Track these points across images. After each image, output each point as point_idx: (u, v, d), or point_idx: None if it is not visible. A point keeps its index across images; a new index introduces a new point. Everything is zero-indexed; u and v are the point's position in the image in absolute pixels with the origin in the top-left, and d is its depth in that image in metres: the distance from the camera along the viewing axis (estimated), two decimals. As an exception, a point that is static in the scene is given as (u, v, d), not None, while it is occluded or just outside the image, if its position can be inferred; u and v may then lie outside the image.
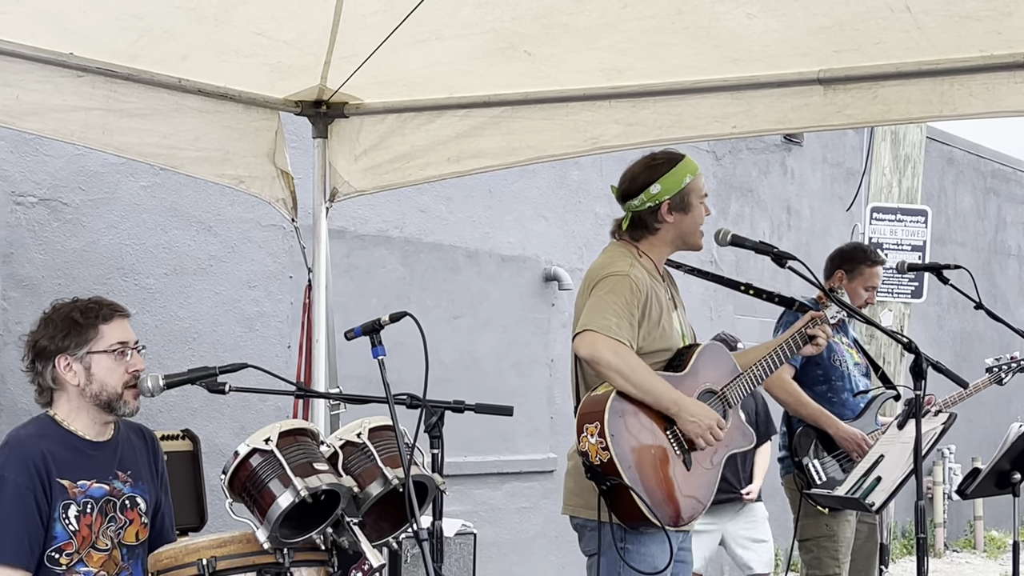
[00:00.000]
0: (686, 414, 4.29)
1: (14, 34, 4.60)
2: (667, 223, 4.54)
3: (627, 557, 4.28)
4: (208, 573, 3.45)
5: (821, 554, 5.84)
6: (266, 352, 7.73)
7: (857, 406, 5.93)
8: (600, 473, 4.18)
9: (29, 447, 3.77)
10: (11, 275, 6.74)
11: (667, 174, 4.53)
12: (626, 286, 4.35)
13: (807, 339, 4.77)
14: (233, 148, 5.56)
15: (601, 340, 4.23)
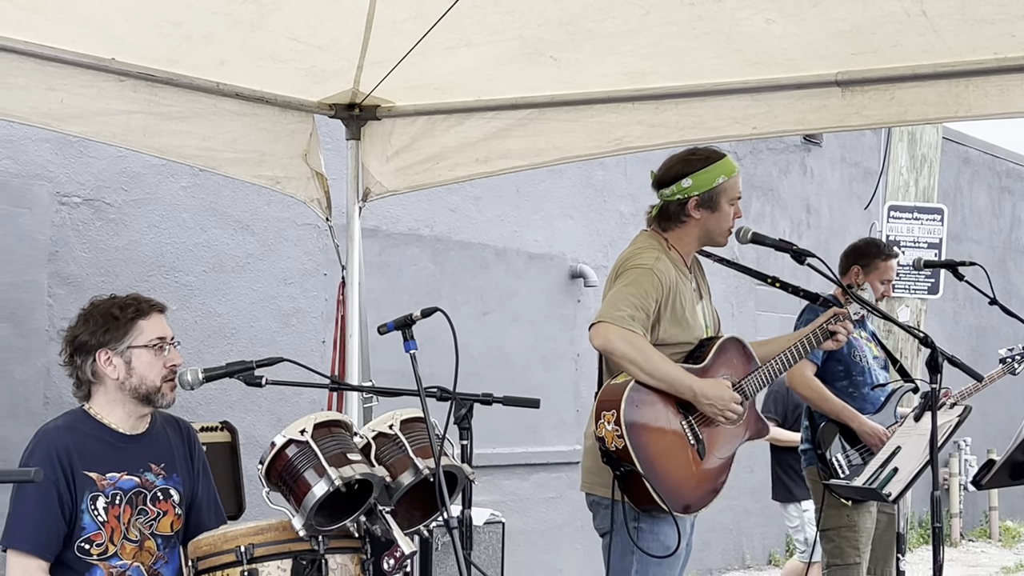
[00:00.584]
0: (702, 397, 4.29)
1: (58, 40, 4.62)
2: (693, 218, 4.53)
3: (640, 537, 4.29)
4: (246, 560, 3.46)
5: (842, 544, 5.82)
6: (301, 347, 7.76)
7: (878, 399, 5.91)
8: (615, 459, 4.20)
9: (55, 440, 3.77)
10: (56, 273, 6.78)
11: (701, 171, 4.52)
12: (648, 279, 4.34)
13: (828, 335, 4.76)
14: (269, 150, 5.57)
15: (613, 330, 4.23)
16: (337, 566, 3.51)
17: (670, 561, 4.35)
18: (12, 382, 6.57)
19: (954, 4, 4.20)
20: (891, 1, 4.21)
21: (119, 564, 3.76)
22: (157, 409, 3.93)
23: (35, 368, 6.65)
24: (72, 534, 3.71)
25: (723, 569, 11.64)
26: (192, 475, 3.99)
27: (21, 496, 3.68)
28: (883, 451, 4.71)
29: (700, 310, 4.61)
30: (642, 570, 4.34)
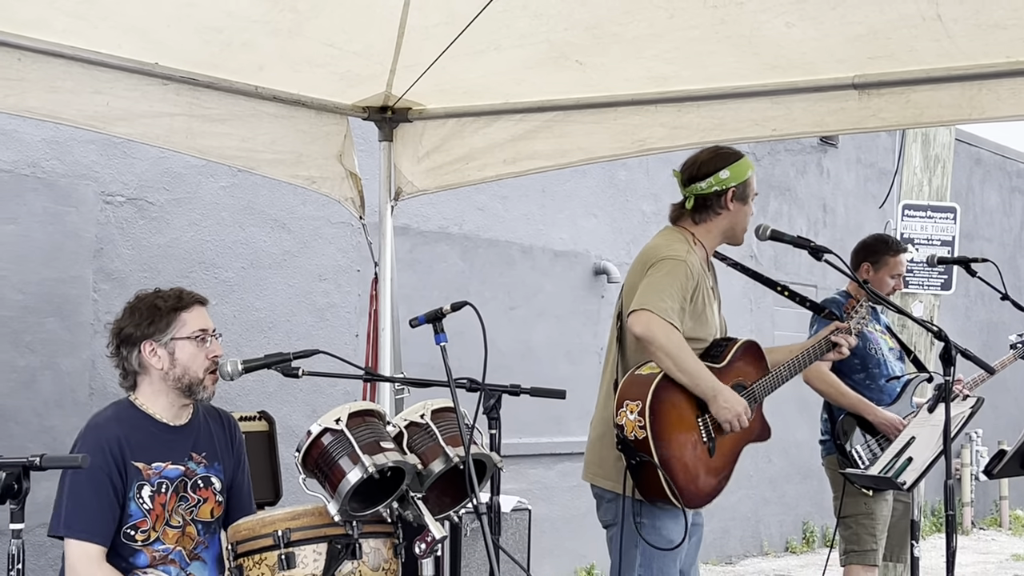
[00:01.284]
0: (721, 399, 4.26)
1: (104, 45, 4.64)
2: (728, 210, 4.51)
3: (642, 530, 4.27)
4: (283, 544, 3.46)
5: (859, 531, 5.81)
6: (335, 340, 7.77)
7: (894, 390, 5.89)
8: (632, 448, 4.17)
9: (105, 431, 3.78)
10: (101, 269, 6.81)
11: (735, 164, 4.53)
12: (682, 271, 4.32)
13: (831, 346, 4.74)
14: (306, 151, 5.58)
15: (656, 321, 4.18)
16: (371, 550, 3.52)
17: (672, 554, 4.33)
18: (59, 374, 6.60)
19: (968, 9, 4.17)
20: (907, 5, 4.19)
21: (162, 548, 3.77)
22: (198, 401, 3.93)
23: (81, 360, 6.69)
24: (120, 520, 3.72)
25: (741, 556, 11.62)
26: (232, 464, 4.00)
27: (75, 486, 3.68)
28: (898, 441, 4.70)
29: (716, 309, 4.60)
30: (646, 563, 4.32)
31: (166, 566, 3.77)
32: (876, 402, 5.79)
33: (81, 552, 3.66)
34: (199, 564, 3.84)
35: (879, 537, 5.81)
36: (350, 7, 4.70)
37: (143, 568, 3.74)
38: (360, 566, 3.49)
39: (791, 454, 11.54)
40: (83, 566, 3.65)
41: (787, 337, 6.82)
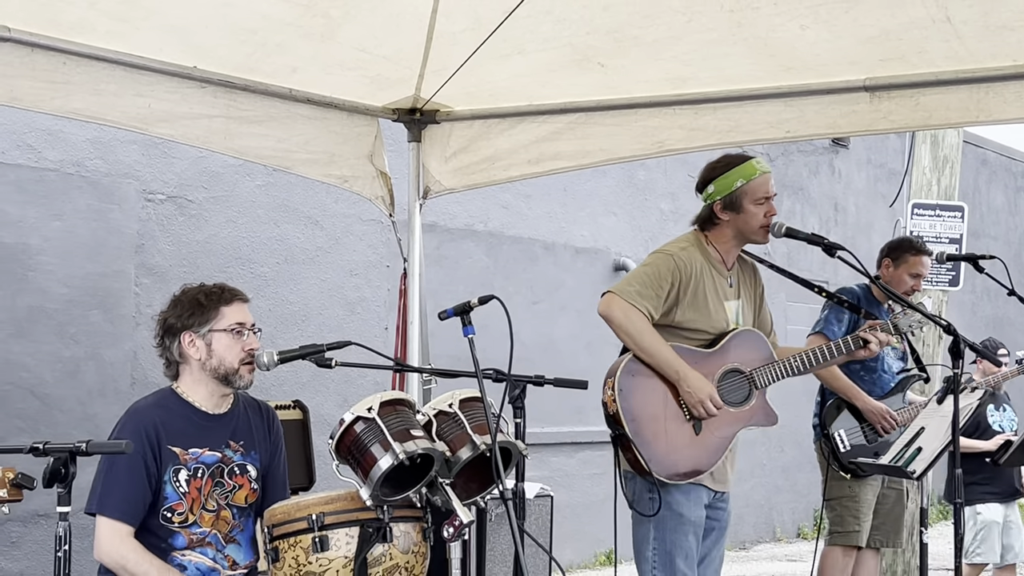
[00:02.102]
0: (684, 383, 4.31)
1: (145, 50, 4.65)
2: (723, 220, 4.53)
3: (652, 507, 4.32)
4: (317, 527, 3.47)
5: (844, 513, 5.80)
6: (366, 333, 7.79)
7: (887, 384, 5.84)
8: (612, 422, 4.29)
9: (144, 417, 3.79)
10: (142, 264, 6.84)
11: (720, 177, 4.53)
12: (664, 263, 4.39)
13: (862, 343, 4.69)
14: (338, 151, 5.58)
15: (616, 301, 4.31)
16: (401, 533, 3.51)
17: (684, 528, 4.33)
18: (102, 364, 6.64)
19: (977, 10, 4.15)
20: (917, 7, 4.17)
21: (199, 531, 3.78)
22: (236, 390, 3.94)
23: (123, 351, 6.72)
24: (156, 503, 3.74)
25: (755, 542, 11.60)
26: (269, 453, 4.01)
27: (111, 467, 3.70)
28: (908, 431, 4.68)
29: (733, 307, 4.58)
30: (659, 536, 4.36)
31: (203, 548, 3.78)
32: (868, 392, 5.74)
33: (110, 529, 3.68)
34: (235, 547, 3.85)
35: (862, 520, 5.79)
36: (380, 13, 4.70)
37: (181, 550, 3.75)
38: (391, 549, 3.49)
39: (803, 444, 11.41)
40: (109, 542, 3.68)
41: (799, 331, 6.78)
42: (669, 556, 4.31)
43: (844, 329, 5.62)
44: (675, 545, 4.32)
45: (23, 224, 6.35)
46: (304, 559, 3.46)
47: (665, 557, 4.32)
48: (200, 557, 3.77)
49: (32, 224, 6.39)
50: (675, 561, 4.31)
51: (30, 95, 4.43)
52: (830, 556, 5.89)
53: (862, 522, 5.79)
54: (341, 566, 3.45)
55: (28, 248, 6.37)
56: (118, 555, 3.67)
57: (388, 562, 3.48)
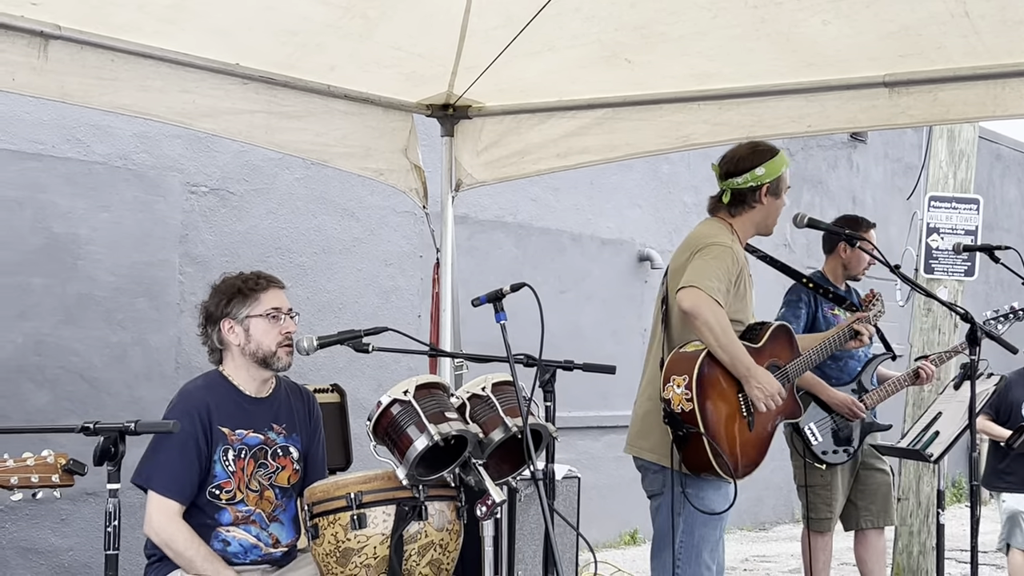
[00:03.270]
0: (755, 380, 4.21)
1: (190, 47, 4.66)
2: (762, 204, 4.47)
3: (690, 501, 4.23)
4: (355, 505, 3.47)
5: (816, 500, 5.75)
6: (399, 321, 7.79)
7: (854, 370, 5.76)
8: (679, 420, 4.13)
9: (195, 398, 3.81)
10: (186, 253, 6.87)
11: (770, 160, 4.47)
12: (729, 257, 4.28)
13: (853, 334, 4.70)
14: (374, 145, 5.59)
15: (704, 298, 4.12)
16: (436, 512, 3.52)
17: (714, 522, 4.30)
18: (148, 349, 6.67)
19: (994, 5, 4.12)
20: (936, 2, 4.14)
21: (244, 509, 3.79)
22: (276, 373, 3.95)
23: (168, 337, 6.75)
24: (205, 480, 3.75)
25: (775, 523, 11.57)
26: (309, 436, 4.02)
27: (164, 445, 3.71)
28: (926, 416, 4.66)
29: (753, 295, 4.57)
30: (688, 530, 4.28)
31: (247, 526, 3.80)
32: (836, 381, 5.66)
33: (161, 505, 3.69)
34: (278, 525, 3.86)
35: (834, 507, 5.75)
36: (415, 13, 4.70)
37: (226, 526, 3.77)
38: (426, 526, 3.50)
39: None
40: (159, 519, 3.69)
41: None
42: (696, 549, 4.27)
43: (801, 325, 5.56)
44: (703, 539, 4.29)
45: (72, 215, 6.39)
46: (343, 536, 3.47)
47: (692, 550, 4.27)
48: (244, 534, 3.78)
49: (81, 215, 6.42)
50: (701, 554, 4.28)
51: (79, 91, 4.45)
52: (806, 539, 5.87)
53: (834, 508, 5.76)
54: (378, 543, 3.45)
55: (77, 238, 6.40)
56: (167, 534, 3.68)
57: (424, 539, 3.49)
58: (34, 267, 6.23)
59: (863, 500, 5.87)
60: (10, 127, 6.17)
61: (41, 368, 6.24)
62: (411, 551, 3.47)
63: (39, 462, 3.07)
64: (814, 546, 5.78)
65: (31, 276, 6.22)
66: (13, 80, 4.23)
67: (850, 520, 5.93)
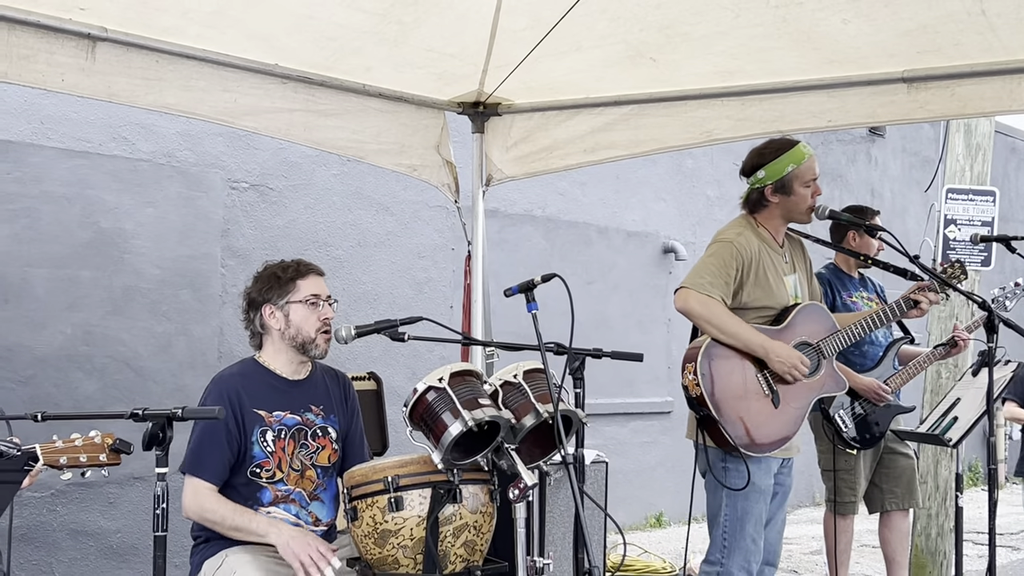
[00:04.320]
0: (772, 355, 4.28)
1: (231, 49, 4.69)
2: (772, 202, 4.49)
3: (727, 476, 4.29)
4: (392, 488, 3.48)
5: (840, 484, 5.74)
6: (432, 311, 7.81)
7: (876, 355, 5.73)
8: (696, 404, 4.26)
9: (228, 384, 3.83)
10: (228, 247, 6.90)
11: (771, 162, 4.49)
12: (727, 251, 4.35)
13: (912, 304, 4.67)
14: (408, 142, 5.60)
15: (692, 295, 4.27)
16: (470, 495, 3.53)
17: (754, 496, 4.32)
18: (192, 339, 6.71)
19: (1011, 3, 4.09)
20: (954, 1, 4.11)
21: (284, 488, 3.81)
22: (313, 358, 3.96)
23: (211, 327, 6.79)
24: (244, 461, 3.77)
25: (796, 506, 11.53)
26: (346, 416, 4.03)
27: (199, 432, 3.76)
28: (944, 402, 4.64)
29: (791, 281, 4.56)
30: (730, 504, 4.33)
31: (287, 504, 3.82)
32: (859, 367, 5.64)
33: (191, 487, 3.74)
34: (318, 504, 3.88)
35: (858, 491, 5.73)
36: (448, 16, 4.71)
37: (267, 506, 3.79)
38: (460, 509, 3.51)
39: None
40: (190, 498, 3.73)
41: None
42: (740, 522, 4.31)
43: None
44: (746, 512, 4.32)
45: (119, 211, 6.43)
46: (380, 518, 3.48)
47: (736, 523, 4.32)
48: (284, 513, 3.80)
49: (127, 211, 6.46)
50: (745, 527, 4.31)
51: (126, 91, 4.48)
52: (828, 521, 5.85)
53: (857, 492, 5.75)
54: (415, 525, 3.47)
55: (124, 232, 6.44)
56: (197, 507, 3.72)
57: (458, 521, 3.50)
58: (82, 260, 6.28)
59: (887, 483, 5.85)
60: (59, 126, 6.21)
61: (90, 357, 6.29)
62: (446, 532, 3.48)
63: (87, 442, 3.09)
64: (838, 528, 5.77)
65: (80, 269, 6.27)
66: (62, 81, 4.27)
67: (875, 503, 5.91)
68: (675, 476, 9.53)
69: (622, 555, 4.74)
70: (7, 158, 6.02)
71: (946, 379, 7.46)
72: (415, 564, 3.48)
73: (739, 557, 4.29)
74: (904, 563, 5.94)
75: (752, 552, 4.31)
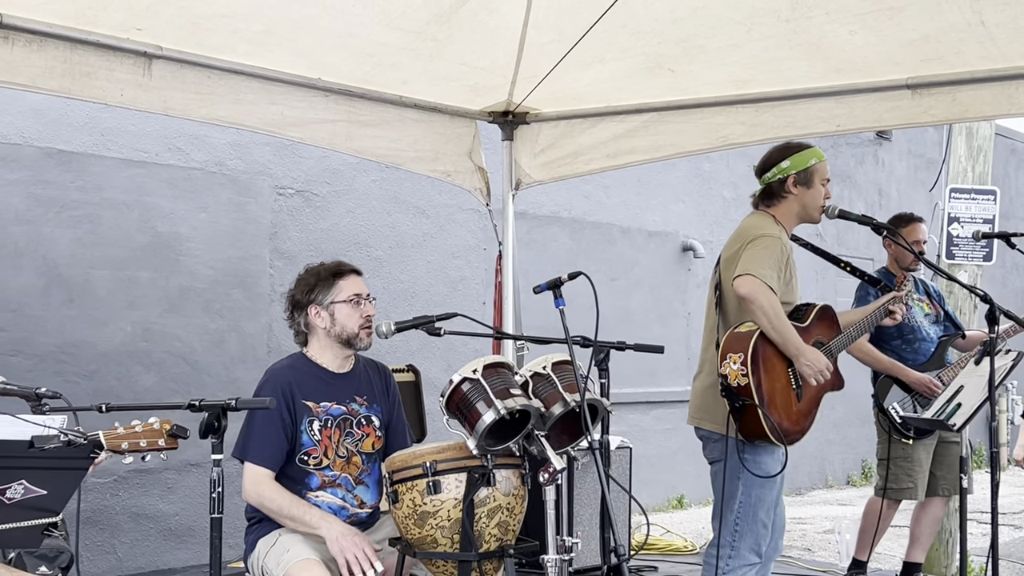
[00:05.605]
0: (804, 358, 4.19)
1: (278, 65, 4.73)
2: (792, 194, 4.39)
3: (747, 465, 4.24)
4: (430, 473, 3.48)
5: (898, 472, 5.68)
6: (466, 308, 7.74)
7: (928, 351, 5.70)
8: (735, 393, 4.13)
9: (280, 377, 3.83)
10: (275, 248, 6.95)
11: (796, 154, 4.41)
12: (778, 247, 4.26)
13: (886, 313, 4.66)
14: (442, 149, 5.62)
15: (759, 284, 4.11)
16: (503, 478, 3.53)
17: (770, 484, 4.29)
18: (243, 335, 6.75)
19: (1008, 14, 4.07)
20: (955, 12, 4.09)
21: (331, 474, 3.83)
22: (357, 352, 3.98)
23: (260, 324, 6.83)
24: (294, 449, 3.79)
25: (809, 488, 11.50)
26: (388, 405, 4.03)
27: (255, 421, 3.77)
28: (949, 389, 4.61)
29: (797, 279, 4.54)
30: (747, 491, 4.27)
31: (334, 489, 3.83)
32: (912, 363, 5.61)
33: (252, 473, 3.75)
34: (363, 488, 3.89)
35: (916, 479, 5.68)
36: (479, 32, 4.73)
37: (315, 490, 3.81)
38: (494, 492, 3.51)
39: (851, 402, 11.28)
40: (251, 484, 3.75)
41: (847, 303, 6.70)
42: (754, 508, 4.27)
43: None
44: (760, 499, 4.28)
45: (174, 216, 6.48)
46: (420, 500, 3.50)
47: (750, 509, 4.28)
48: (331, 497, 3.82)
49: (182, 216, 6.51)
50: (758, 513, 4.28)
51: (180, 105, 4.53)
52: (875, 504, 5.81)
53: (916, 479, 5.70)
54: (451, 506, 3.48)
55: (179, 236, 6.50)
56: (256, 494, 3.74)
57: (492, 503, 3.51)
58: (141, 263, 6.33)
59: (940, 470, 5.81)
60: (118, 138, 6.27)
61: (148, 353, 6.35)
62: (481, 514, 3.49)
63: (146, 428, 3.09)
64: (884, 513, 5.74)
65: (138, 271, 6.33)
66: (122, 96, 4.32)
67: (930, 489, 5.86)
68: (695, 461, 9.45)
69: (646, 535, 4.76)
70: (71, 168, 6.09)
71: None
72: (452, 543, 3.50)
73: (750, 540, 4.26)
74: (927, 545, 5.91)
75: (762, 536, 4.29)
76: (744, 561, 4.25)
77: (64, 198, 6.05)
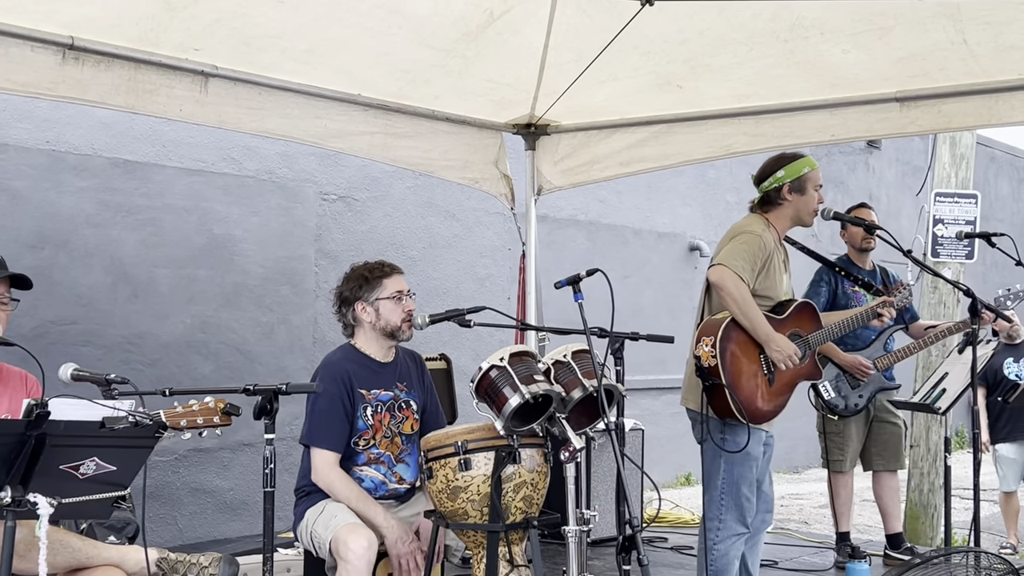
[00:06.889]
0: (772, 344, 4.17)
1: (321, 82, 4.75)
2: (787, 200, 4.39)
3: (724, 444, 4.21)
4: (462, 451, 3.50)
5: (830, 445, 5.67)
6: (492, 302, 7.66)
7: (868, 337, 5.62)
8: (706, 373, 4.13)
9: (338, 366, 3.85)
10: (320, 249, 6.97)
11: (790, 164, 4.40)
12: (756, 243, 4.25)
13: (875, 315, 4.62)
14: (471, 158, 5.63)
15: (728, 273, 4.13)
16: (527, 457, 3.54)
17: (748, 462, 4.24)
18: (290, 327, 6.78)
19: (989, 33, 4.05)
20: (939, 32, 4.07)
21: (376, 452, 3.84)
22: (399, 343, 3.99)
23: (306, 317, 6.86)
24: (351, 433, 3.81)
25: (805, 467, 11.46)
26: (424, 391, 4.05)
27: (320, 408, 3.77)
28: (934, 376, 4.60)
29: (785, 278, 4.51)
30: (728, 469, 4.24)
31: (377, 465, 3.85)
32: (851, 346, 5.54)
33: (322, 458, 3.76)
34: (403, 466, 3.91)
35: (846, 451, 5.65)
36: (504, 51, 4.73)
37: (360, 466, 3.83)
38: (519, 468, 3.52)
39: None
40: (323, 468, 3.75)
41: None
42: (736, 485, 4.25)
43: (823, 300, 5.49)
44: (741, 476, 4.25)
45: (228, 220, 6.51)
46: (452, 476, 3.51)
47: (732, 486, 4.25)
48: (374, 472, 3.84)
49: (235, 220, 6.54)
50: (740, 488, 4.25)
51: (233, 118, 4.56)
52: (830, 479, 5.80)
53: (846, 452, 5.67)
54: (481, 482, 3.49)
55: (233, 238, 6.52)
56: (327, 480, 3.75)
57: (518, 479, 3.52)
58: (199, 262, 6.37)
59: (876, 447, 5.79)
60: (178, 149, 6.31)
61: (206, 343, 6.38)
62: (508, 489, 3.50)
63: (203, 407, 3.12)
64: (835, 483, 5.73)
65: (197, 269, 6.36)
66: (180, 111, 4.35)
67: (867, 463, 5.85)
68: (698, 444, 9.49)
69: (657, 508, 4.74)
70: (135, 176, 6.13)
71: (936, 357, 7.38)
72: (482, 516, 3.51)
73: (736, 512, 4.23)
74: (896, 515, 5.88)
75: (747, 508, 4.25)
76: (732, 532, 4.22)
77: (130, 204, 6.09)
